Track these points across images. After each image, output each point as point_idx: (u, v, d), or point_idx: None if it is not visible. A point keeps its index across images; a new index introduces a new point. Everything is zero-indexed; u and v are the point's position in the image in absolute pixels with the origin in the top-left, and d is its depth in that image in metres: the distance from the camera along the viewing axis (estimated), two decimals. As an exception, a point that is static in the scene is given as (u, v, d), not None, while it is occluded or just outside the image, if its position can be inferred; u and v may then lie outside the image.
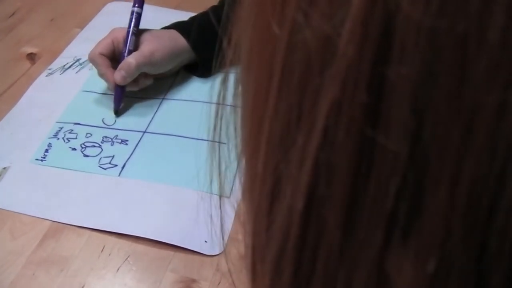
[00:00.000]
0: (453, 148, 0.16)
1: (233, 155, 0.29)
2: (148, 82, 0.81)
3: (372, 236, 0.18)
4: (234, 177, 0.74)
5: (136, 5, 0.81)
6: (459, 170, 0.16)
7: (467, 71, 0.15)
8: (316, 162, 0.18)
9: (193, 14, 0.87)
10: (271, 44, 0.19)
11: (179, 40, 0.82)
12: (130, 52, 0.78)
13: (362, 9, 0.16)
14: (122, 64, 0.77)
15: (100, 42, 0.80)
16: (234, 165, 0.77)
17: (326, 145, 0.17)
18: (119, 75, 0.76)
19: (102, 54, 0.78)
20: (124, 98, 0.80)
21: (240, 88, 0.24)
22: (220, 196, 0.35)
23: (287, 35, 0.18)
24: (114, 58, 0.79)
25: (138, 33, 0.80)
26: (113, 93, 0.79)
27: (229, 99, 0.27)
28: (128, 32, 0.79)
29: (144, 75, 0.80)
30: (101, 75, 0.79)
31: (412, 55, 0.15)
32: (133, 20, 0.80)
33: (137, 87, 0.80)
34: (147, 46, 0.79)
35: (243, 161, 0.24)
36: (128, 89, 0.79)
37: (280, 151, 0.19)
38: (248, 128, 0.22)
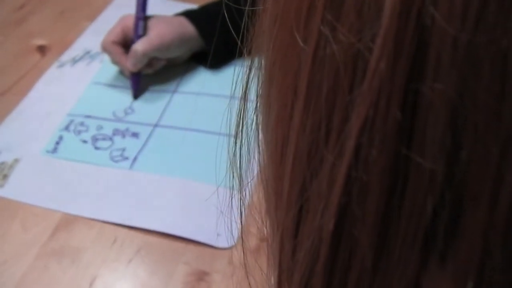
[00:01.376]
0: (492, 166, 0.15)
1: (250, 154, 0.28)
2: (162, 64, 0.82)
3: (408, 256, 0.17)
4: (245, 171, 0.74)
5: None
6: (499, 189, 0.15)
7: (507, 87, 0.14)
8: (347, 181, 0.17)
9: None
10: (295, 57, 0.18)
11: (188, 27, 0.82)
12: (140, 38, 0.78)
13: (394, 23, 0.15)
14: (130, 52, 0.78)
15: (110, 30, 0.80)
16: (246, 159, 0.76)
17: (358, 163, 0.17)
18: (129, 62, 0.77)
19: (114, 42, 0.79)
20: (141, 82, 0.81)
21: (261, 102, 0.23)
22: (239, 192, 0.34)
23: (312, 49, 0.17)
24: (126, 45, 0.80)
25: (147, 18, 0.80)
26: (127, 81, 0.81)
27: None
28: (136, 18, 0.79)
29: (157, 58, 0.81)
30: (115, 62, 0.80)
31: (448, 71, 0.15)
32: (140, 5, 0.80)
33: (152, 70, 0.81)
34: (155, 31, 0.79)
35: (266, 179, 0.23)
36: (144, 72, 0.80)
37: (308, 169, 0.19)
38: (273, 145, 0.21)
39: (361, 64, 0.16)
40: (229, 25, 0.29)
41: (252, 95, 0.25)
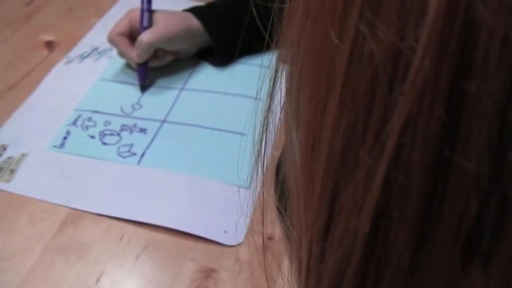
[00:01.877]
0: None
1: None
2: (169, 58, 0.82)
3: (447, 261, 0.17)
4: (253, 167, 0.73)
5: None
6: None
7: None
8: (385, 183, 0.17)
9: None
10: (329, 54, 0.18)
11: (194, 22, 0.82)
12: (145, 29, 0.79)
13: (439, 21, 0.14)
14: (136, 42, 0.78)
15: (117, 23, 0.81)
16: (252, 156, 0.75)
17: (398, 165, 0.16)
18: (135, 53, 0.78)
19: (120, 34, 0.79)
20: (149, 75, 0.81)
21: (290, 100, 0.22)
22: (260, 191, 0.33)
23: (349, 47, 0.17)
24: (132, 37, 0.80)
25: (152, 12, 0.81)
26: (135, 77, 0.81)
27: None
28: (141, 9, 0.80)
29: (163, 51, 0.81)
30: (121, 54, 0.81)
31: (496, 69, 0.14)
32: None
33: (158, 63, 0.81)
34: (161, 22, 0.79)
35: (294, 180, 0.22)
36: (150, 65, 0.80)
37: (342, 170, 0.18)
38: (303, 144, 0.20)
39: (403, 63, 0.15)
40: (256, 19, 0.28)
41: (276, 94, 0.24)
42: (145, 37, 0.77)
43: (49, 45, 0.89)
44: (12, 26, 0.92)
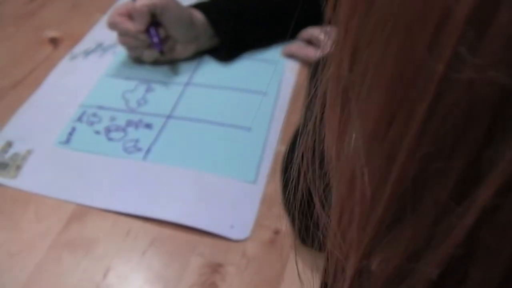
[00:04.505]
0: None
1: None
2: (151, 57, 0.81)
3: None
4: (259, 163, 0.73)
5: None
6: None
7: None
8: (468, 236, 0.15)
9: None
10: (414, 70, 0.15)
11: (196, 14, 0.81)
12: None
13: None
14: (134, 11, 0.77)
15: (116, 7, 0.80)
16: (258, 151, 0.75)
17: (486, 223, 0.14)
18: (135, 21, 0.77)
19: (120, 14, 0.78)
20: (164, 40, 0.80)
21: (351, 109, 0.19)
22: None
23: (443, 68, 0.14)
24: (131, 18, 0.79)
25: None
26: (139, 73, 0.80)
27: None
28: None
29: (166, 36, 0.80)
30: (123, 33, 0.79)
31: None
32: None
33: (167, 54, 0.81)
34: None
35: (339, 191, 0.20)
36: (162, 58, 0.80)
37: (410, 200, 0.16)
38: (371, 166, 0.18)
39: (509, 107, 0.13)
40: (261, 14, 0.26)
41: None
42: (141, 1, 0.76)
43: (54, 41, 0.89)
44: (16, 23, 0.92)
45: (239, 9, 0.83)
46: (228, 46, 0.83)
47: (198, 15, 0.81)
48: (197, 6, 0.83)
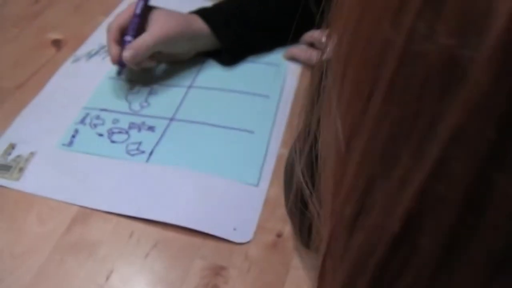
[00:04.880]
0: None
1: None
2: (151, 64, 0.80)
3: (473, 277, 0.16)
4: (262, 166, 0.73)
5: None
6: None
7: None
8: (423, 189, 0.16)
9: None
10: (380, 46, 0.17)
11: (196, 24, 0.81)
12: (134, 32, 0.77)
13: (505, 35, 0.13)
14: (132, 44, 0.75)
15: (120, 15, 0.78)
16: (261, 153, 0.75)
17: (439, 174, 0.16)
18: (128, 53, 0.75)
19: (119, 27, 0.77)
20: (155, 72, 0.81)
21: (330, 87, 0.21)
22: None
23: (403, 42, 0.16)
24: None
25: (151, 10, 0.79)
26: (142, 75, 0.81)
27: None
28: (133, 19, 0.77)
29: (159, 52, 0.79)
30: (108, 43, 0.78)
31: None
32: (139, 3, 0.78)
33: (138, 68, 0.79)
34: (158, 25, 0.77)
35: (327, 161, 0.22)
36: (144, 66, 0.79)
37: (378, 165, 0.18)
38: (342, 130, 0.20)
39: (459, 72, 0.15)
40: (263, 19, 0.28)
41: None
42: (128, 53, 0.75)
43: (57, 43, 0.89)
44: (19, 25, 0.92)
45: (242, 14, 0.83)
46: (231, 52, 0.84)
47: (200, 26, 0.81)
48: (198, 12, 0.83)
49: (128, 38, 0.77)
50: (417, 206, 0.17)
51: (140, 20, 0.77)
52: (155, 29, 0.77)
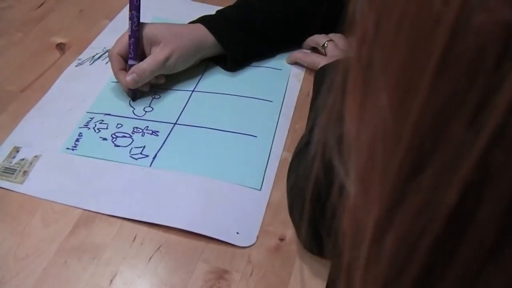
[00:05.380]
0: None
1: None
2: (161, 81, 0.81)
3: None
4: (265, 170, 0.73)
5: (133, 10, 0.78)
6: None
7: None
8: (482, 159, 0.16)
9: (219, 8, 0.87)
10: (430, 20, 0.17)
11: (201, 37, 0.81)
12: (135, 54, 0.77)
13: None
14: (134, 68, 0.76)
15: (119, 40, 0.79)
16: (264, 157, 0.76)
17: (498, 143, 0.16)
18: (130, 78, 0.76)
19: (119, 54, 0.78)
20: (139, 93, 0.80)
21: (375, 64, 0.21)
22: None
23: (454, 15, 0.16)
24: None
25: (154, 26, 0.79)
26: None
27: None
28: (129, 40, 0.77)
29: (157, 76, 0.79)
30: (114, 74, 0.79)
31: None
32: (130, 26, 0.78)
33: (147, 88, 0.80)
34: (163, 48, 0.77)
35: (370, 144, 0.21)
36: (140, 89, 0.79)
37: (431, 139, 0.17)
38: (390, 106, 0.19)
39: None
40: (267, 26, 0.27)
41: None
42: (130, 77, 0.76)
43: (61, 47, 0.90)
44: (23, 29, 0.93)
45: (247, 22, 0.83)
46: (235, 59, 0.84)
47: (204, 38, 0.81)
48: (202, 20, 0.83)
49: (131, 62, 0.77)
50: (476, 177, 0.16)
51: (136, 39, 0.77)
52: (158, 54, 0.77)
